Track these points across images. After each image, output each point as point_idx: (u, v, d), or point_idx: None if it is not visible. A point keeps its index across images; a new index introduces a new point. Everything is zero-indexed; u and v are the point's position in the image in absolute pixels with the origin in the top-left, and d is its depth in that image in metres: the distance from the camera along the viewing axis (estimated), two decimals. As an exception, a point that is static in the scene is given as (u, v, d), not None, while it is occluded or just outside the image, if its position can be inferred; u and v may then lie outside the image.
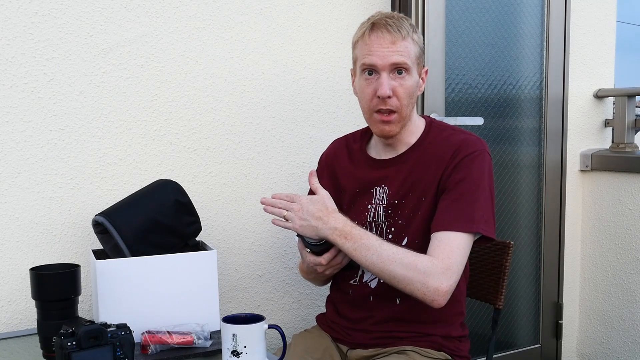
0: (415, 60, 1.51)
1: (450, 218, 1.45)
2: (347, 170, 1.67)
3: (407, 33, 1.49)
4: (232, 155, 1.97)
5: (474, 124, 2.38)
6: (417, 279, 1.40)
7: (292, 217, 1.45)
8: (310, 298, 2.16)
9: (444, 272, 1.41)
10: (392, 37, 1.48)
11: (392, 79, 1.50)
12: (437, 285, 1.40)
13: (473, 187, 1.48)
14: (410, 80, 1.51)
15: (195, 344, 1.44)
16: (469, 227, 1.45)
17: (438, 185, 1.51)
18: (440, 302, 1.42)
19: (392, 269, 1.41)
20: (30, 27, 1.66)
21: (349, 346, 1.61)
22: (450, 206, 1.47)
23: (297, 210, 1.45)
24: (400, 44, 1.48)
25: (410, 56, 1.50)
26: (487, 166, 1.51)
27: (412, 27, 1.51)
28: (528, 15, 2.58)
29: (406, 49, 1.49)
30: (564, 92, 2.68)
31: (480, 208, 1.47)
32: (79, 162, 1.74)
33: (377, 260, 1.41)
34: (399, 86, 1.50)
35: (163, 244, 1.61)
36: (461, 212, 1.45)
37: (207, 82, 1.91)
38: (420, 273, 1.40)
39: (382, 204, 1.58)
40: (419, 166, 1.55)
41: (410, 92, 1.51)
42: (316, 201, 1.46)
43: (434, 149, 1.55)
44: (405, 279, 1.40)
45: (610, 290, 2.75)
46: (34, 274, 1.38)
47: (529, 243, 2.69)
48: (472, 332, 1.79)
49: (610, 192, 2.73)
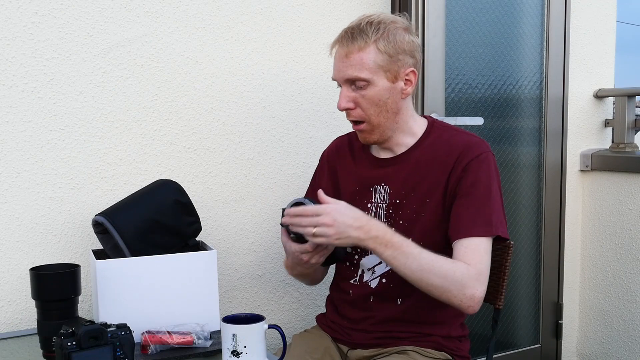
0: (379, 69, 1.46)
1: (471, 224, 1.45)
2: (348, 167, 1.67)
3: (366, 43, 1.45)
4: (232, 155, 1.97)
5: (474, 124, 2.38)
6: (454, 287, 1.40)
7: (325, 232, 1.35)
8: (310, 298, 2.16)
9: (478, 278, 1.42)
10: (346, 50, 1.47)
11: (353, 91, 1.49)
12: (473, 292, 1.41)
13: (486, 191, 1.48)
14: (372, 90, 1.47)
15: (195, 344, 1.44)
16: (489, 230, 1.46)
17: (445, 189, 1.50)
18: (475, 308, 1.43)
19: (430, 278, 1.40)
20: (30, 27, 1.66)
21: (349, 346, 1.61)
22: (468, 212, 1.47)
23: (330, 224, 1.35)
24: (354, 56, 1.46)
25: (367, 67, 1.45)
26: (494, 167, 1.52)
27: (381, 33, 1.45)
28: (528, 15, 2.58)
29: (360, 61, 1.45)
30: (564, 92, 2.68)
31: (495, 211, 1.48)
32: (79, 162, 1.74)
33: (417, 269, 1.39)
34: (359, 97, 1.49)
35: (163, 244, 1.61)
36: (479, 217, 1.46)
37: (207, 82, 1.91)
38: (457, 281, 1.40)
39: (383, 203, 1.58)
40: (420, 166, 1.55)
41: (375, 101, 1.48)
42: (346, 210, 1.39)
43: (437, 150, 1.54)
44: (443, 287, 1.40)
45: (610, 290, 2.75)
46: (34, 274, 1.38)
47: (529, 243, 2.69)
48: (472, 332, 1.79)
49: (610, 192, 2.73)
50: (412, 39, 1.50)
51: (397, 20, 1.51)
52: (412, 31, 1.52)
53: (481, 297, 1.42)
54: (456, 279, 1.40)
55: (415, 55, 1.51)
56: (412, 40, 1.50)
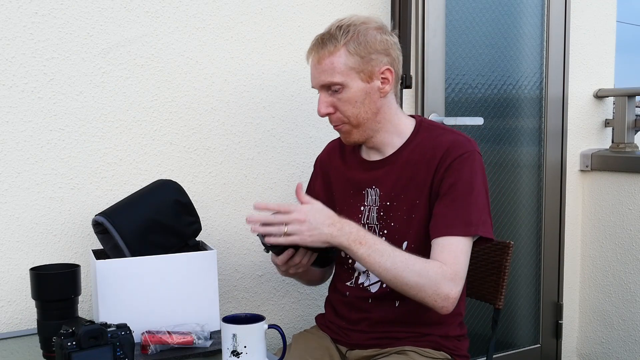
0: (351, 71, 1.46)
1: (449, 223, 1.44)
2: (339, 171, 1.67)
3: (335, 47, 1.45)
4: (232, 155, 1.97)
5: (474, 124, 2.38)
6: (428, 286, 1.39)
7: (297, 229, 1.34)
8: (310, 298, 2.16)
9: (453, 278, 1.40)
10: (318, 57, 1.48)
11: (330, 95, 1.50)
12: (447, 292, 1.40)
13: (467, 190, 1.46)
14: (348, 93, 1.47)
15: (195, 344, 1.44)
16: (468, 230, 1.44)
17: (430, 188, 1.50)
18: (449, 308, 1.42)
19: (405, 276, 1.39)
20: (30, 27, 1.66)
21: (348, 347, 1.61)
22: (447, 211, 1.46)
23: (302, 221, 1.34)
24: (325, 61, 1.46)
25: (339, 70, 1.45)
26: (479, 166, 1.50)
27: (350, 35, 1.45)
28: (528, 15, 2.58)
29: (331, 65, 1.46)
30: (564, 92, 2.68)
31: (476, 210, 1.46)
32: (79, 162, 1.74)
33: (391, 267, 1.38)
34: (337, 101, 1.49)
35: (163, 244, 1.61)
36: (459, 216, 1.45)
37: (207, 82, 1.91)
38: (431, 280, 1.39)
39: (374, 205, 1.57)
40: (409, 167, 1.54)
41: (352, 103, 1.48)
42: (320, 208, 1.39)
43: (424, 149, 1.53)
44: (418, 285, 1.39)
45: (610, 290, 2.75)
46: (34, 274, 1.38)
47: (529, 243, 2.69)
48: (472, 332, 1.79)
49: (610, 192, 2.73)
50: (385, 38, 1.49)
51: (369, 20, 1.50)
52: (386, 30, 1.50)
53: (456, 297, 1.41)
54: (430, 277, 1.39)
55: (391, 53, 1.50)
56: (386, 39, 1.49)
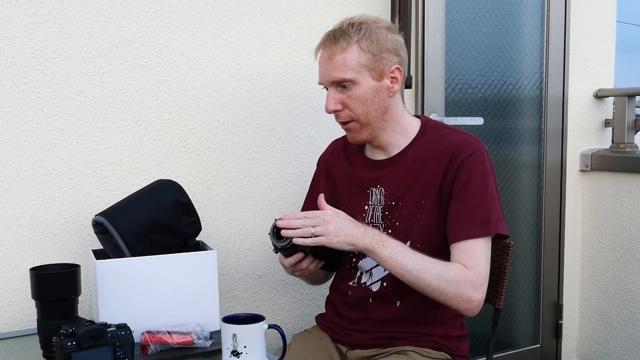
0: (362, 68, 1.46)
1: (467, 225, 1.45)
2: (343, 170, 1.67)
3: (348, 43, 1.45)
4: (232, 155, 1.97)
5: (474, 124, 2.38)
6: (450, 289, 1.40)
7: (325, 230, 1.36)
8: (310, 298, 2.16)
9: (475, 281, 1.42)
10: (329, 52, 1.48)
11: (340, 92, 1.50)
12: (470, 295, 1.41)
13: (481, 190, 1.47)
14: (358, 90, 1.48)
15: (195, 344, 1.44)
16: (488, 229, 1.45)
17: (440, 189, 1.50)
18: (474, 311, 1.43)
19: (426, 278, 1.40)
20: (30, 27, 1.66)
21: (349, 347, 1.61)
22: (464, 213, 1.46)
23: (329, 222, 1.37)
24: (337, 57, 1.46)
25: (351, 67, 1.46)
26: (489, 165, 1.51)
27: (363, 32, 1.45)
28: (528, 15, 2.58)
29: (344, 61, 1.46)
30: (564, 92, 2.68)
31: (493, 209, 1.47)
32: (79, 162, 1.74)
33: (412, 269, 1.40)
34: (346, 98, 1.49)
35: (163, 244, 1.61)
36: (476, 217, 1.45)
37: (207, 82, 1.91)
38: (452, 283, 1.40)
39: (379, 205, 1.57)
40: (415, 167, 1.54)
41: (362, 100, 1.49)
42: (343, 215, 1.42)
43: (430, 149, 1.53)
44: (440, 288, 1.41)
45: (610, 290, 2.75)
46: (34, 274, 1.38)
47: (529, 243, 2.69)
48: (472, 332, 1.79)
49: (610, 192, 2.73)
50: (395, 38, 1.50)
51: (379, 20, 1.51)
52: (395, 30, 1.52)
53: (480, 300, 1.42)
54: (450, 280, 1.40)
55: (400, 53, 1.51)
56: (396, 38, 1.51)
